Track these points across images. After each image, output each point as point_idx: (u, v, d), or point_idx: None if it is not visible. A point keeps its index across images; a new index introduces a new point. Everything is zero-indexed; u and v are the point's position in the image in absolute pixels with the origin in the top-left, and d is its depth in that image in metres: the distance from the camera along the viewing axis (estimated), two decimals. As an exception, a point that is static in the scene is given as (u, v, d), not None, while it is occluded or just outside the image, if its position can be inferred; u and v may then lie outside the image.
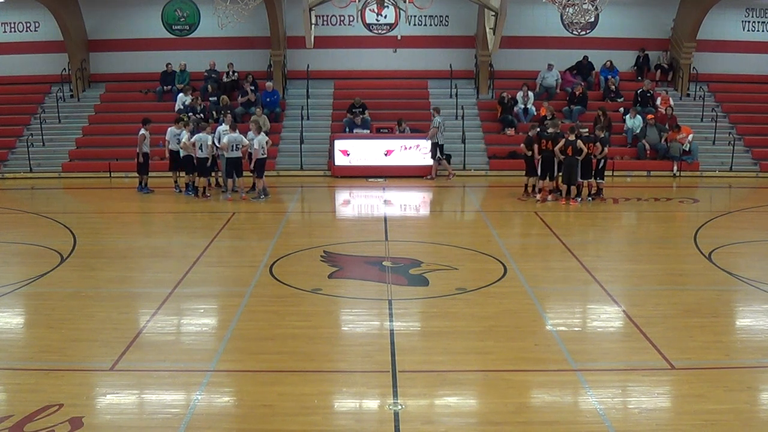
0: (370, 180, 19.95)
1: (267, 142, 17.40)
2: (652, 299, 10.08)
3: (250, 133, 17.33)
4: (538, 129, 17.87)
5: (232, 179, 17.30)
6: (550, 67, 23.22)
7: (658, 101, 22.32)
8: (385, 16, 23.34)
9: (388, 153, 20.40)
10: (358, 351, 8.39)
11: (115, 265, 11.89)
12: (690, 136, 20.82)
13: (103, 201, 18.25)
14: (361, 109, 21.48)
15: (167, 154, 18.07)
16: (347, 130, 21.18)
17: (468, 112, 22.11)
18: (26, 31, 23.91)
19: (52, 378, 7.49)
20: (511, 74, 23.53)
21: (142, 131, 17.68)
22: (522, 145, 17.62)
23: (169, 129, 17.97)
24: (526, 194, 17.34)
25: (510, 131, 21.73)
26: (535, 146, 17.02)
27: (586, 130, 17.99)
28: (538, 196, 17.00)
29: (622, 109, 22.32)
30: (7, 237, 13.99)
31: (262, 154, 17.02)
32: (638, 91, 22.39)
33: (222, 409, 7.03)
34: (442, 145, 19.85)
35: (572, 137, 16.34)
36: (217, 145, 17.09)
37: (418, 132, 20.77)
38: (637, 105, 22.07)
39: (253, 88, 21.99)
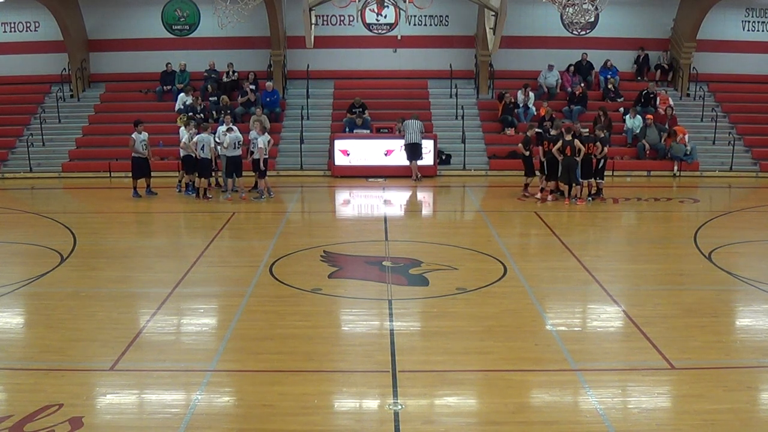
0: (370, 180, 19.94)
1: (269, 142, 17.57)
2: (652, 299, 10.08)
3: (252, 132, 17.33)
4: (536, 129, 17.87)
5: (232, 179, 17.30)
6: (550, 67, 23.23)
7: (658, 101, 22.32)
8: (385, 16, 23.38)
9: (388, 153, 20.40)
10: (358, 351, 8.39)
11: (115, 265, 11.88)
12: (686, 137, 20.81)
13: (103, 201, 18.23)
14: (361, 109, 21.47)
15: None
16: (348, 130, 21.17)
17: (468, 112, 22.11)
18: (26, 31, 23.90)
19: (52, 378, 7.49)
20: (511, 74, 23.54)
21: (134, 134, 17.12)
22: (520, 144, 17.63)
23: (181, 130, 17.90)
24: (525, 194, 17.34)
25: (510, 131, 21.72)
26: (535, 147, 17.02)
27: (587, 130, 17.98)
28: (539, 196, 17.01)
29: (622, 109, 22.31)
30: (7, 237, 14.00)
31: (264, 154, 17.04)
32: (642, 92, 22.35)
33: (222, 409, 7.03)
34: (410, 144, 19.69)
35: (569, 137, 16.34)
36: (218, 147, 17.08)
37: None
38: (637, 105, 22.07)
39: (253, 87, 21.98)
